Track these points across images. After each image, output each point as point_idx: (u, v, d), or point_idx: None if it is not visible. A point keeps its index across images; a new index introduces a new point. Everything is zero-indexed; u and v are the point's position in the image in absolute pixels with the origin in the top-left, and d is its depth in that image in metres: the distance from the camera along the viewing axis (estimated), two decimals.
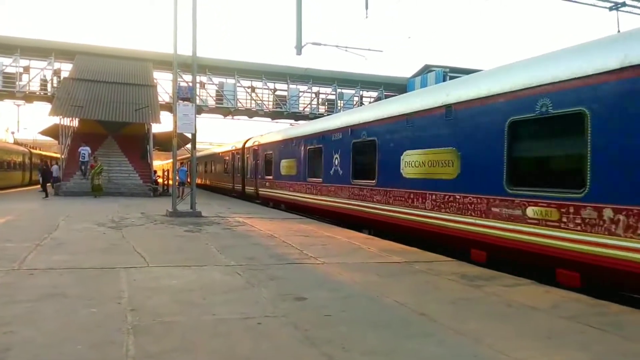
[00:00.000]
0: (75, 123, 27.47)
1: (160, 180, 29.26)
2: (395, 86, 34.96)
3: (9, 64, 29.43)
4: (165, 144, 29.34)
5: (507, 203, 7.10)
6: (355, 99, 36.25)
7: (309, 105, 35.61)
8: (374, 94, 36.69)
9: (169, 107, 24.78)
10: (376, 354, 3.57)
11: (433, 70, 33.24)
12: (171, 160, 18.20)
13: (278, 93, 35.30)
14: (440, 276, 6.39)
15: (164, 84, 31.34)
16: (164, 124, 25.36)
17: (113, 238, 9.05)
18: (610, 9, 16.69)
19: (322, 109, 35.72)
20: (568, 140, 6.58)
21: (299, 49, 15.56)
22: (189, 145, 19.48)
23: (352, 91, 36.12)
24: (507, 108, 7.21)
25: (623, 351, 3.79)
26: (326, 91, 36.23)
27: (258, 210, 16.77)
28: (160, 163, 51.90)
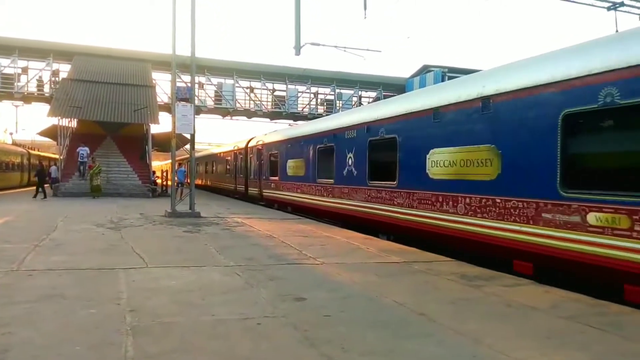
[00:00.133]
0: (74, 124, 27.46)
1: (159, 180, 29.26)
2: (393, 86, 35.01)
3: (7, 64, 29.43)
4: (164, 144, 29.32)
5: (562, 208, 6.27)
6: (354, 99, 36.28)
7: (308, 106, 35.64)
8: (373, 94, 36.75)
9: (168, 108, 24.72)
10: (375, 354, 3.56)
11: (432, 70, 33.29)
12: (170, 160, 18.17)
13: (277, 93, 35.35)
14: (440, 276, 6.39)
15: (162, 85, 31.39)
16: (162, 125, 25.38)
17: (112, 239, 9.04)
18: (609, 8, 16.72)
19: (321, 109, 35.76)
20: None
21: (297, 49, 15.56)
22: (187, 146, 19.47)
23: (351, 91, 36.17)
24: (561, 99, 6.36)
25: (623, 351, 3.79)
26: (325, 91, 36.29)
27: (257, 211, 16.77)
28: (160, 164, 51.87)
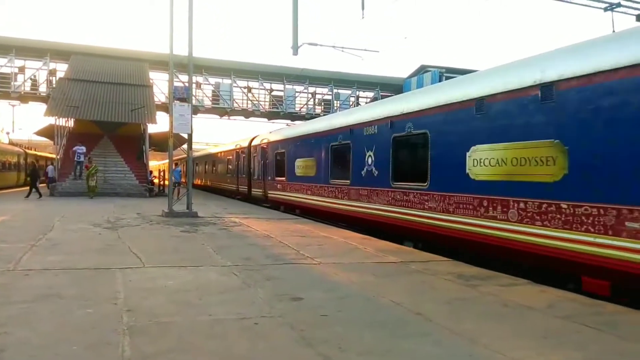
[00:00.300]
0: (71, 123, 27.38)
1: (156, 180, 29.19)
2: (391, 86, 35.02)
3: (4, 64, 29.31)
4: (161, 144, 29.25)
5: None
6: (352, 99, 36.30)
7: (306, 106, 35.63)
8: (371, 94, 36.76)
9: (165, 108, 24.71)
10: (372, 354, 3.57)
11: (429, 70, 33.30)
12: (167, 160, 18.13)
13: (274, 93, 35.29)
14: (437, 276, 6.40)
15: (160, 84, 31.32)
16: (160, 124, 25.35)
17: (109, 238, 9.02)
18: (605, 9, 16.76)
19: (319, 110, 35.75)
20: None
21: (295, 49, 15.55)
22: (185, 146, 19.44)
23: (349, 91, 36.16)
24: None
25: (618, 351, 3.81)
26: (323, 91, 36.25)
27: (254, 211, 16.76)
28: (157, 163, 51.77)
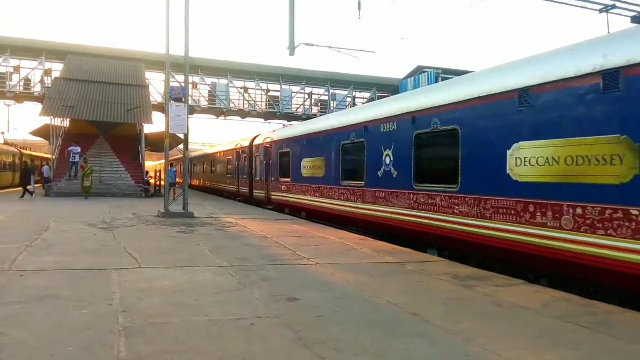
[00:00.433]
0: (66, 123, 27.29)
1: (152, 180, 29.12)
2: (388, 87, 35.05)
3: None
4: (157, 144, 29.21)
5: None
6: (348, 99, 36.32)
7: (302, 106, 35.63)
8: (367, 95, 36.80)
9: (161, 108, 24.67)
10: (369, 354, 3.58)
11: (425, 71, 33.33)
12: (163, 160, 18.07)
13: (271, 93, 35.31)
14: (432, 276, 6.42)
15: (156, 84, 31.28)
16: (156, 124, 25.27)
17: (104, 239, 8.99)
18: (600, 10, 16.82)
19: (315, 110, 35.76)
20: None
21: (291, 49, 15.55)
22: (181, 146, 19.40)
23: (345, 92, 36.20)
24: None
25: (612, 350, 3.83)
26: (319, 92, 36.28)
27: (251, 211, 16.75)
28: (153, 164, 51.63)
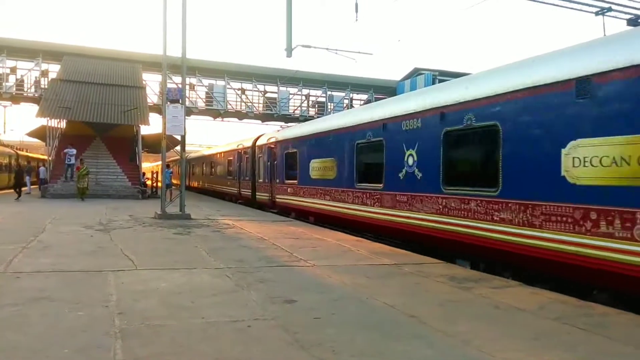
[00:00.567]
0: (63, 124, 27.21)
1: (149, 182, 29.06)
2: (385, 89, 35.12)
3: None
4: (154, 145, 29.11)
5: None
6: (345, 101, 36.36)
7: (299, 108, 35.64)
8: (364, 97, 36.84)
9: (158, 109, 24.64)
10: (366, 356, 3.58)
11: (422, 73, 33.43)
12: (159, 162, 18.03)
13: (268, 95, 35.31)
14: (430, 278, 6.42)
15: (153, 86, 31.22)
16: (153, 126, 25.24)
17: (101, 241, 8.97)
18: (597, 13, 16.91)
19: (313, 112, 35.77)
20: None
21: (289, 51, 15.57)
22: (178, 147, 19.37)
23: (342, 94, 36.25)
24: None
25: (608, 352, 3.84)
26: (316, 93, 36.32)
27: (248, 213, 16.74)
28: (150, 165, 51.53)
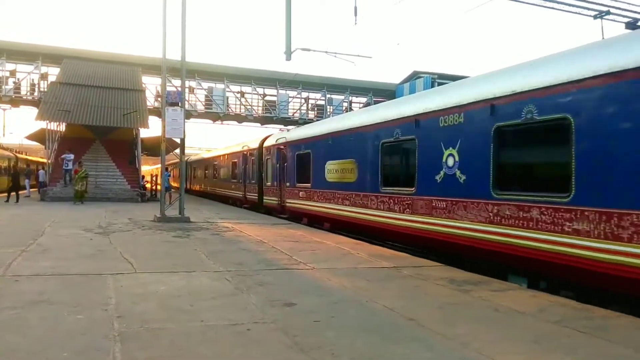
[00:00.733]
0: (62, 128, 27.21)
1: (148, 185, 29.04)
2: (384, 92, 35.10)
3: None
4: (153, 149, 29.11)
5: None
6: (345, 104, 36.40)
7: (299, 111, 35.68)
8: (363, 100, 36.87)
9: (158, 112, 24.65)
10: (365, 359, 3.57)
11: (421, 76, 33.23)
12: (159, 165, 18.02)
13: (267, 98, 35.34)
14: (429, 281, 6.42)
15: (152, 89, 31.23)
16: (152, 129, 25.23)
17: (100, 244, 8.96)
18: (595, 17, 16.96)
19: (312, 115, 35.80)
20: None
21: (288, 54, 15.59)
22: (177, 150, 19.36)
23: (342, 97, 36.28)
24: None
25: (608, 355, 3.84)
26: (315, 96, 36.35)
27: (247, 216, 16.72)
28: (149, 168, 51.51)
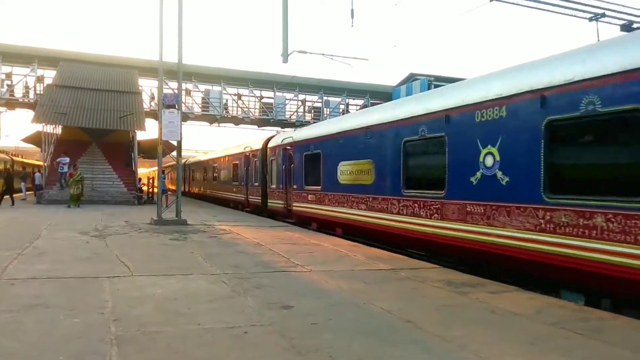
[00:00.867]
0: (59, 130, 27.13)
1: (145, 188, 28.97)
2: (381, 94, 35.19)
3: None
4: (150, 151, 29.09)
5: None
6: (342, 106, 36.45)
7: (296, 113, 35.70)
8: (360, 102, 36.94)
9: (154, 114, 24.61)
10: None
11: (418, 78, 33.54)
12: (155, 167, 17.97)
13: (264, 100, 35.35)
14: (426, 283, 6.42)
15: (149, 91, 31.18)
16: (149, 131, 25.18)
17: (96, 247, 8.92)
18: (590, 19, 17.04)
19: (309, 117, 35.83)
20: None
21: (285, 56, 15.61)
22: (174, 153, 19.33)
23: (339, 99, 36.32)
24: None
25: (605, 356, 3.85)
26: (312, 99, 36.36)
27: (245, 218, 16.70)
28: (146, 171, 51.40)
